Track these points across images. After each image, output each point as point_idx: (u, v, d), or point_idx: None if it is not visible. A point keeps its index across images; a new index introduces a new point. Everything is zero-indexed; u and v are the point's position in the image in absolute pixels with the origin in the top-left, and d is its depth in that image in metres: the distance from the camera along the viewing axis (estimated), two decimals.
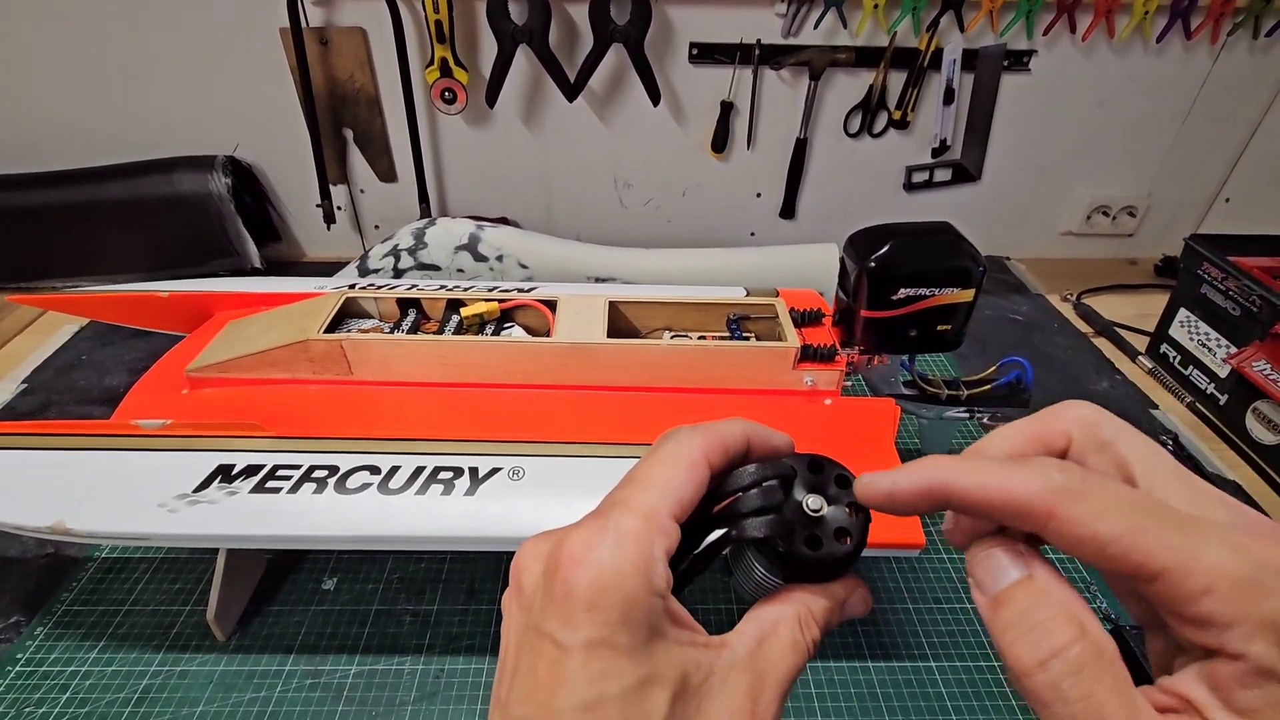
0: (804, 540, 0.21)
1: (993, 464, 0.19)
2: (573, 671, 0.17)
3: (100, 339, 0.90)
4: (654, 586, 0.18)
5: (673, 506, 0.20)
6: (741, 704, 0.19)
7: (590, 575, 0.18)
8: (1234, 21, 0.96)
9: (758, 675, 0.19)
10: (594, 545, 0.19)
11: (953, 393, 0.61)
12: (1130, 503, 0.17)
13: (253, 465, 0.49)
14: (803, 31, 0.96)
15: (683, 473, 0.21)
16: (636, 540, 0.19)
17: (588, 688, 0.17)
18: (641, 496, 0.20)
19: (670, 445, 0.21)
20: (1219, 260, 0.80)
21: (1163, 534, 0.16)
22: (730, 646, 0.20)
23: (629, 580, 0.18)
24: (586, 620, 0.18)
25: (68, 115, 1.00)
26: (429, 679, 0.53)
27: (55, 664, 0.53)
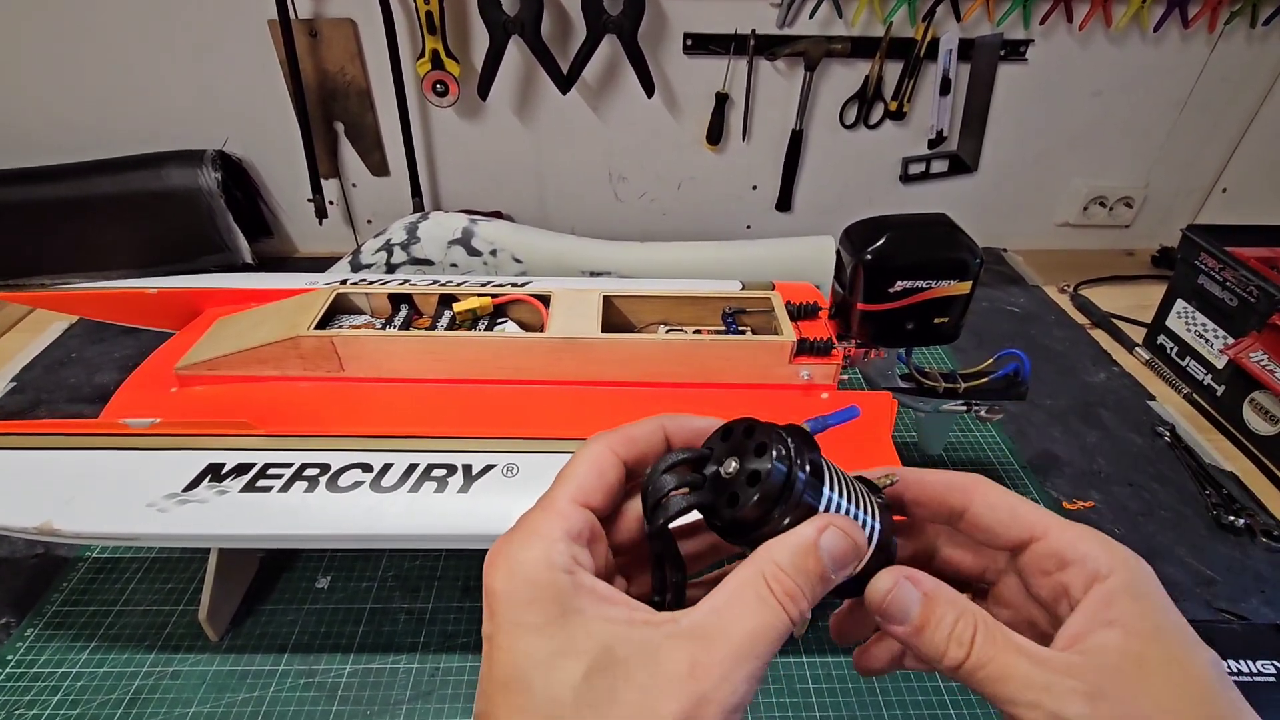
0: (726, 502, 0.21)
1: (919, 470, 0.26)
2: (496, 656, 0.19)
3: (90, 336, 0.89)
4: (555, 565, 0.20)
5: (572, 493, 0.22)
6: (677, 668, 0.18)
7: (500, 570, 0.20)
8: (1231, 10, 0.95)
9: (703, 639, 0.19)
10: (503, 544, 0.21)
11: (950, 385, 0.60)
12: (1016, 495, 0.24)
13: (243, 464, 0.49)
14: (798, 22, 0.95)
15: (583, 465, 0.22)
16: (534, 531, 0.21)
17: (506, 667, 0.19)
18: (546, 495, 0.22)
19: (579, 450, 0.23)
20: (1216, 251, 0.80)
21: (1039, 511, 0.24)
22: (674, 620, 0.20)
23: (529, 566, 0.20)
24: (499, 608, 0.20)
25: (55, 110, 0.98)
26: (424, 677, 0.53)
27: (46, 665, 0.53)
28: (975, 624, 0.21)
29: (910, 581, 0.22)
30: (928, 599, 0.22)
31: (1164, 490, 0.70)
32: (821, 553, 0.20)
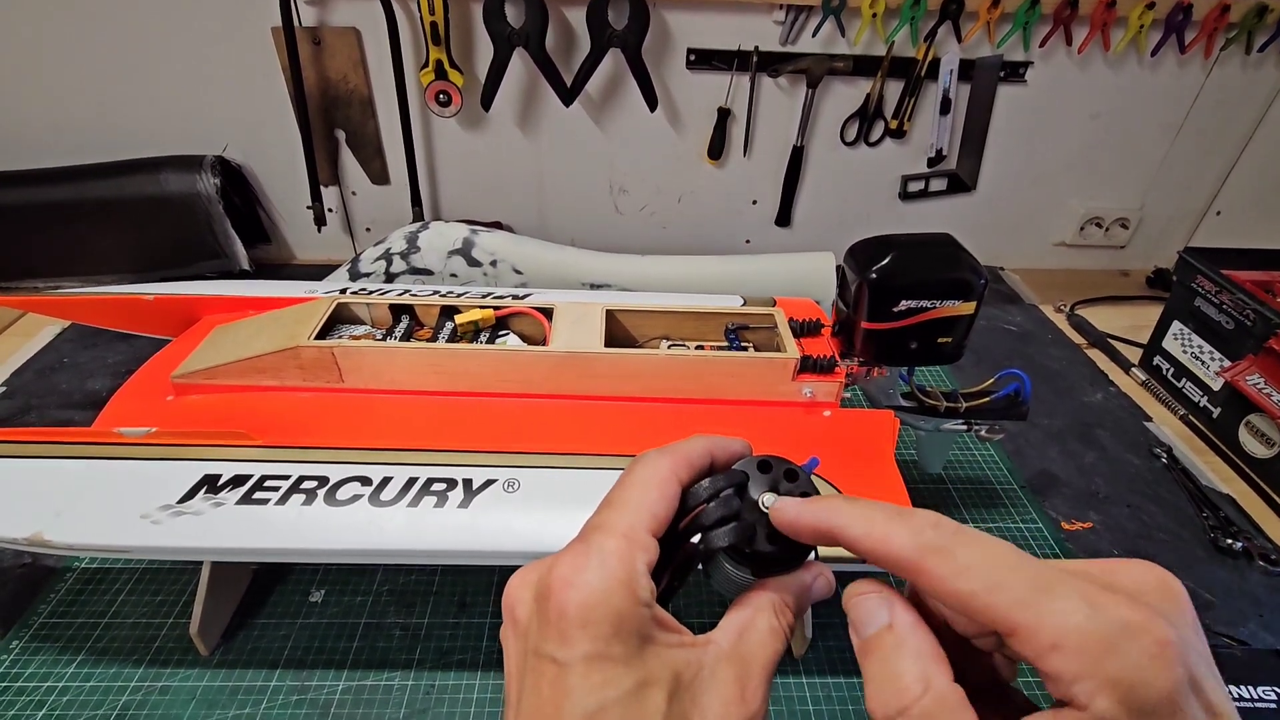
0: (765, 537, 0.23)
1: (880, 514, 0.20)
2: (574, 684, 0.19)
3: (82, 341, 0.88)
4: (639, 598, 0.20)
5: (649, 523, 0.22)
6: (731, 691, 0.20)
7: (580, 595, 0.19)
8: (1227, 36, 0.96)
9: (742, 664, 0.21)
10: (581, 568, 0.20)
11: (951, 405, 0.60)
12: (990, 560, 0.18)
13: (240, 475, 0.48)
14: (801, 39, 0.96)
15: (654, 491, 0.22)
16: (619, 559, 0.20)
17: (589, 696, 0.18)
18: (620, 518, 0.22)
19: (641, 468, 0.23)
20: (1213, 274, 0.81)
21: (1016, 591, 0.17)
22: (715, 642, 0.21)
23: (616, 596, 0.19)
24: (581, 636, 0.19)
25: (53, 112, 0.98)
26: (419, 694, 0.52)
27: (31, 679, 0.52)
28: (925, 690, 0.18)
29: (880, 600, 0.20)
30: (888, 628, 0.20)
31: (1161, 512, 0.71)
32: (811, 594, 0.23)
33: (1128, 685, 0.15)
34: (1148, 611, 0.16)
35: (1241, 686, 0.51)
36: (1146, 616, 0.16)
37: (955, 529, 0.19)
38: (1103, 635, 0.16)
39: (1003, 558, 0.18)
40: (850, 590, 0.21)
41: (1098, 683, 0.15)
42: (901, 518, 0.20)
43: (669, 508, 0.22)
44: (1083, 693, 0.15)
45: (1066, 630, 0.16)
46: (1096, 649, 0.15)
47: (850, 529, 0.20)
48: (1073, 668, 0.16)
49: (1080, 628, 0.16)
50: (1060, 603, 0.16)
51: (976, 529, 0.19)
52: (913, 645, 0.19)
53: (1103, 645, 0.15)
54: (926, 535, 0.19)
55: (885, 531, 0.20)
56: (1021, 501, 0.71)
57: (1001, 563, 0.18)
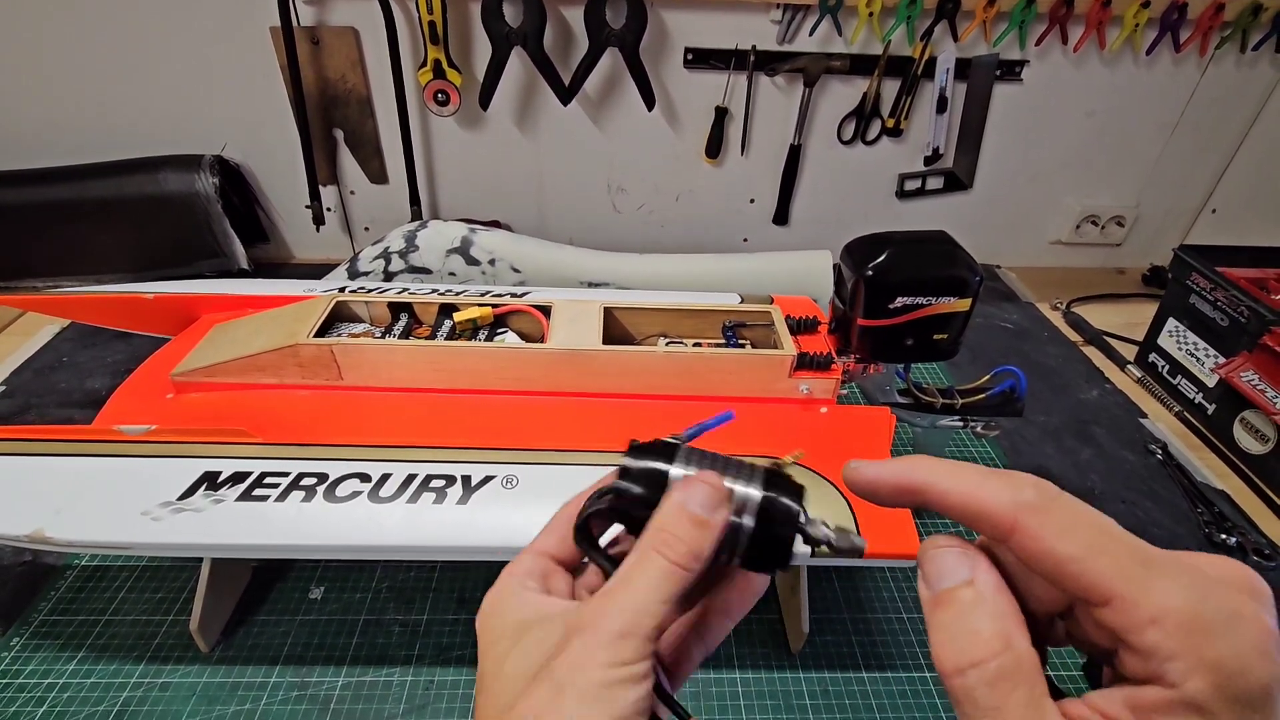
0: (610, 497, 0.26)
1: (972, 471, 0.20)
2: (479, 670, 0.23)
3: (82, 340, 0.88)
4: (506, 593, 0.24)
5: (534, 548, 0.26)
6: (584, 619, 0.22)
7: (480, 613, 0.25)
8: (1222, 35, 0.97)
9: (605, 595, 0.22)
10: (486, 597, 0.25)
11: (947, 401, 0.61)
12: (1092, 526, 0.17)
13: (239, 472, 0.48)
14: (798, 38, 0.96)
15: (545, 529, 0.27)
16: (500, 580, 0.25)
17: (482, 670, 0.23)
18: None
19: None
20: (1208, 271, 0.81)
21: (1119, 561, 0.16)
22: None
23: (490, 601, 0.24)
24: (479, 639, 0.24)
25: (53, 112, 0.98)
26: (419, 690, 0.52)
27: (32, 676, 0.52)
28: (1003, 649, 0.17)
29: (963, 556, 0.19)
30: (969, 584, 0.19)
31: (1157, 508, 0.71)
32: (685, 503, 0.23)
33: (1227, 671, 0.15)
34: (1256, 605, 0.16)
35: None
36: (1255, 609, 0.16)
37: (1057, 492, 0.18)
38: (1208, 618, 0.15)
39: (1106, 527, 0.17)
40: (929, 543, 0.20)
41: (1194, 663, 0.15)
42: (998, 475, 0.19)
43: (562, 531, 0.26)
44: (1176, 671, 0.15)
45: (1170, 607, 0.16)
46: (1200, 630, 0.15)
47: (941, 483, 0.20)
48: (1170, 645, 0.15)
49: (1185, 607, 0.15)
50: (1165, 580, 0.16)
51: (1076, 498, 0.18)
52: (995, 604, 0.18)
53: (1207, 628, 0.15)
54: (1027, 493, 0.18)
55: (978, 485, 0.19)
56: None
57: (1105, 531, 0.17)
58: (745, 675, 0.54)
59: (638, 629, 0.21)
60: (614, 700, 0.20)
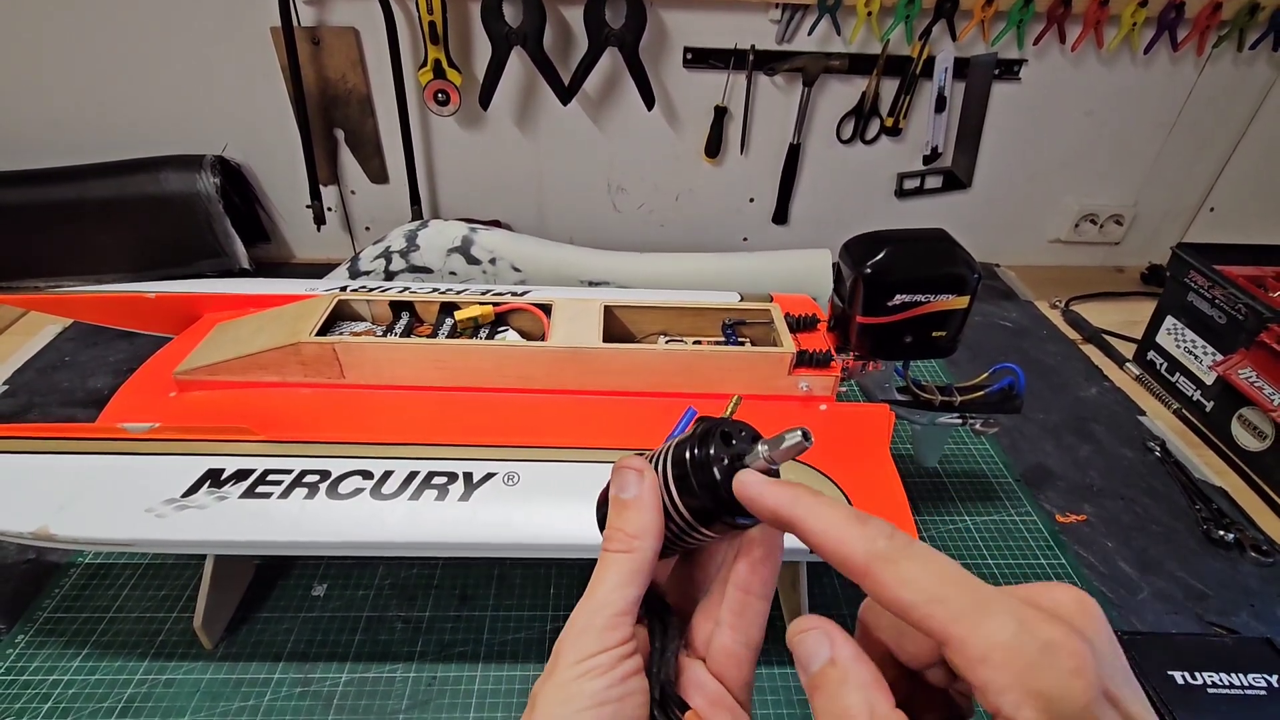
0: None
1: (840, 515, 0.21)
2: None
3: (84, 340, 0.89)
4: None
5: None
6: None
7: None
8: (1219, 34, 0.97)
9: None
10: None
11: (946, 399, 0.61)
12: (935, 574, 0.19)
13: (242, 470, 0.49)
14: (797, 38, 0.97)
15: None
16: None
17: None
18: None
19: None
20: (1206, 269, 0.81)
21: (954, 605, 0.18)
22: None
23: None
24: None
25: (53, 112, 0.98)
26: (421, 686, 0.53)
27: (37, 673, 0.52)
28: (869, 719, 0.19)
29: (822, 635, 0.21)
30: (831, 662, 0.20)
31: (1155, 505, 0.71)
32: (614, 493, 0.25)
33: (1048, 698, 0.16)
34: (1067, 629, 0.17)
35: (1233, 674, 0.52)
36: (1065, 634, 0.17)
37: (907, 541, 0.20)
38: (1027, 651, 0.16)
39: (946, 573, 0.18)
40: (793, 629, 0.22)
41: (1022, 694, 0.16)
42: (859, 522, 0.20)
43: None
44: (1008, 704, 0.16)
45: (995, 644, 0.17)
46: (1021, 663, 0.16)
47: (809, 521, 0.21)
48: (1000, 680, 0.16)
49: (1008, 643, 0.17)
50: (993, 619, 0.17)
51: (928, 545, 0.20)
52: (855, 676, 0.20)
53: (1027, 660, 0.16)
54: (879, 544, 0.19)
55: (841, 533, 0.20)
56: (1016, 494, 0.72)
57: (944, 578, 0.18)
58: None
59: (595, 621, 0.22)
60: (576, 697, 0.21)
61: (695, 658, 0.25)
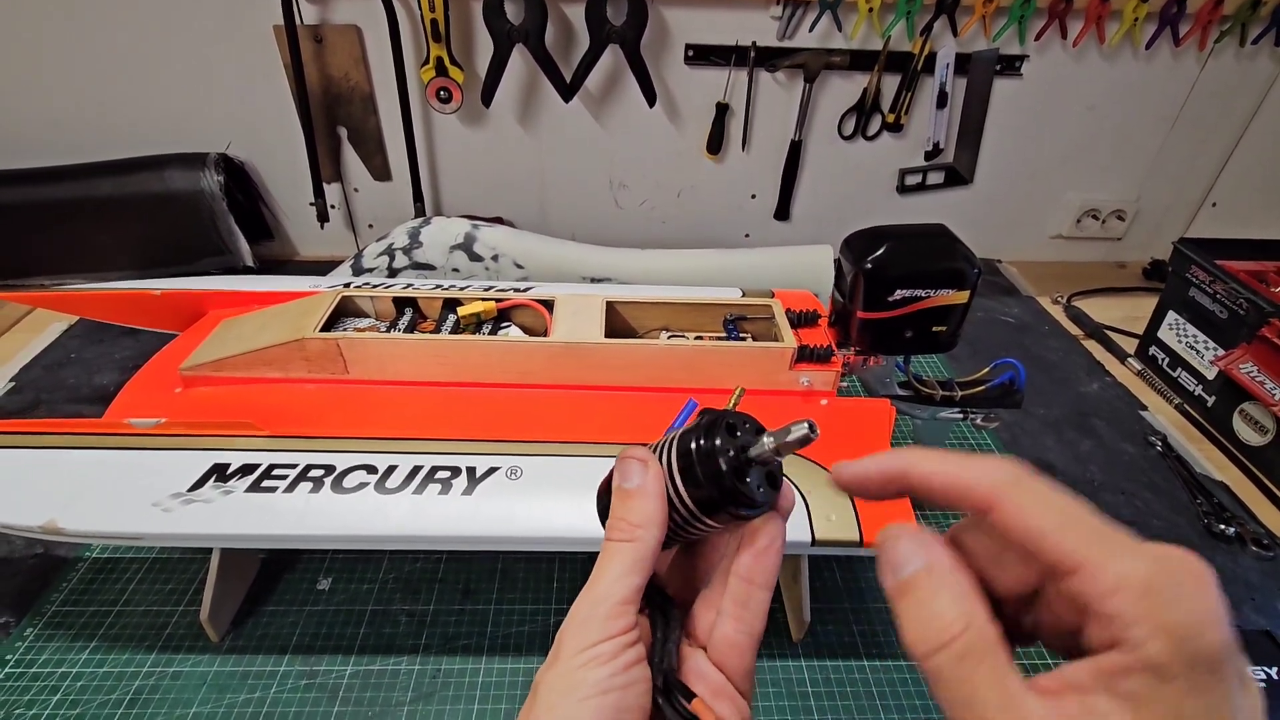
0: None
1: (952, 455, 0.21)
2: None
3: (89, 337, 0.89)
4: None
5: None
6: None
7: None
8: (1221, 29, 0.97)
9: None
10: None
11: (947, 394, 0.61)
12: (1063, 503, 0.19)
13: (248, 464, 0.49)
14: (798, 34, 0.97)
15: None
16: None
17: None
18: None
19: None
20: (1207, 264, 0.81)
21: (1086, 534, 0.18)
22: None
23: None
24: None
25: (57, 111, 0.98)
26: (425, 679, 0.53)
27: (46, 665, 0.53)
28: (965, 627, 0.18)
29: (917, 542, 0.21)
30: (927, 569, 0.20)
31: (1156, 499, 0.72)
32: (617, 482, 0.25)
33: (1183, 635, 0.16)
34: (1201, 573, 0.17)
35: None
36: (1207, 581, 0.17)
37: (1030, 473, 0.20)
38: (1166, 586, 0.16)
39: (1074, 504, 0.19)
40: (884, 534, 0.21)
41: (1153, 627, 0.16)
42: (977, 458, 0.21)
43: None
44: (1137, 635, 0.16)
45: (1132, 576, 0.17)
46: (1158, 597, 0.16)
47: (923, 466, 0.21)
48: (1132, 610, 0.16)
49: (1145, 576, 0.17)
50: (1127, 552, 0.17)
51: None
52: (954, 584, 0.20)
53: (1165, 595, 0.16)
54: (1004, 473, 0.20)
55: (962, 467, 0.20)
56: None
57: (1073, 508, 0.19)
58: None
59: (597, 611, 0.22)
60: (580, 685, 0.21)
61: (696, 647, 0.26)
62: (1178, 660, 0.16)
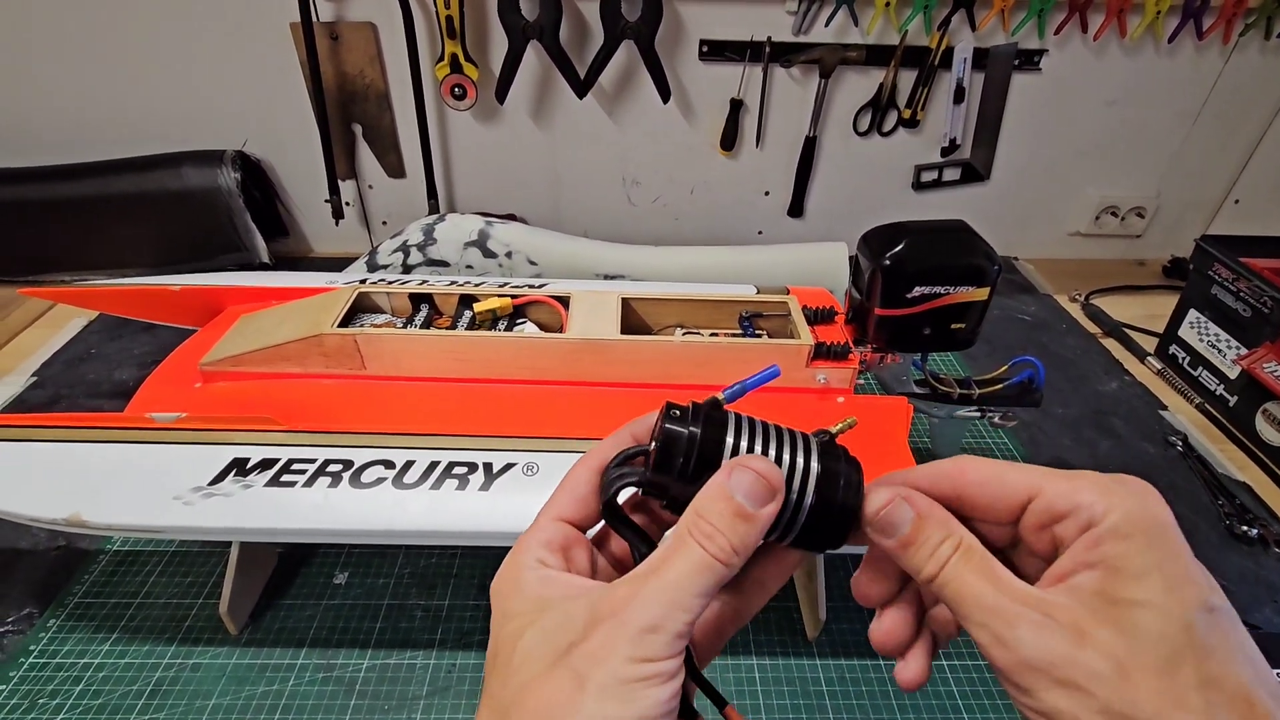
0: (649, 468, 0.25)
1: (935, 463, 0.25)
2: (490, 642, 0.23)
3: (109, 332, 0.90)
4: (524, 565, 0.24)
5: (549, 511, 0.25)
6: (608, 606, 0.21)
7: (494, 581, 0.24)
8: (1246, 22, 0.95)
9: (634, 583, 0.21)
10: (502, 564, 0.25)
11: (964, 392, 0.61)
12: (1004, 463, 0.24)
13: (267, 459, 0.49)
14: (813, 29, 0.96)
15: (561, 485, 0.26)
16: (516, 546, 0.25)
17: (493, 646, 0.23)
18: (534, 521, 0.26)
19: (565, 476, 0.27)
20: (1230, 261, 0.80)
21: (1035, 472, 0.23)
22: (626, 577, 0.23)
23: (508, 570, 0.24)
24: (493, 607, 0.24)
25: (77, 109, 1.00)
26: (441, 674, 0.53)
27: (68, 656, 0.54)
28: (958, 544, 0.22)
29: (906, 501, 0.23)
30: (919, 518, 0.23)
31: (1177, 500, 0.71)
32: (732, 492, 0.22)
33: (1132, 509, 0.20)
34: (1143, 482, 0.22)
35: None
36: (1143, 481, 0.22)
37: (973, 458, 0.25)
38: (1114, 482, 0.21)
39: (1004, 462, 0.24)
40: (873, 500, 0.24)
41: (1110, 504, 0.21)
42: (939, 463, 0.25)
43: (573, 495, 0.25)
44: (1099, 510, 0.21)
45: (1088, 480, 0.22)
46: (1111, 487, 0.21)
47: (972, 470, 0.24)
48: (1094, 498, 0.21)
49: (1098, 478, 0.22)
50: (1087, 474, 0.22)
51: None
52: (940, 519, 0.23)
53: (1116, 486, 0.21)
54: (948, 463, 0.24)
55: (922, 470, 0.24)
56: None
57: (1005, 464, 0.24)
58: (762, 662, 0.55)
59: (668, 624, 0.20)
60: (638, 699, 0.19)
61: None
62: (1132, 528, 0.20)
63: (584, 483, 0.26)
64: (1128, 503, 0.20)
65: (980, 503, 0.23)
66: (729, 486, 0.22)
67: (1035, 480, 0.22)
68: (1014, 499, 0.23)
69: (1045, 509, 0.22)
